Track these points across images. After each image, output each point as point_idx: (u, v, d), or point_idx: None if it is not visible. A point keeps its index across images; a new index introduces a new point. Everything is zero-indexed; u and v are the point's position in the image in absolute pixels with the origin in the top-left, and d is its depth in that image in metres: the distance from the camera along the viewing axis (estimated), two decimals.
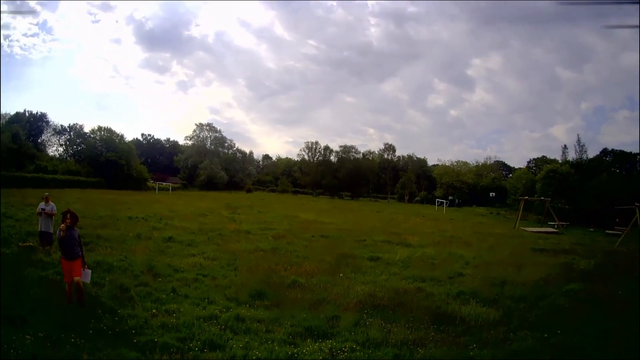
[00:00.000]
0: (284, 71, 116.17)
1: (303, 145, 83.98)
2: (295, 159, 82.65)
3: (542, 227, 27.68)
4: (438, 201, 53.31)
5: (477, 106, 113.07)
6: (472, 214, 42.43)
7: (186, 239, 12.65)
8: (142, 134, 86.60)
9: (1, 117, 52.81)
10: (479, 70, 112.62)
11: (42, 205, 10.06)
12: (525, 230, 25.04)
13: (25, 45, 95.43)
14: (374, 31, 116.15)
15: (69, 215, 6.60)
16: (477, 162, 75.50)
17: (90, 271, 6.62)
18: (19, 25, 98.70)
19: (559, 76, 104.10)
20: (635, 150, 47.53)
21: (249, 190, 66.15)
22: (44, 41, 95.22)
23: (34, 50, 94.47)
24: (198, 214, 20.95)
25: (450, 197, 60.01)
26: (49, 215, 9.88)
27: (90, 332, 5.22)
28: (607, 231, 26.12)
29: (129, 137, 67.05)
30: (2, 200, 17.36)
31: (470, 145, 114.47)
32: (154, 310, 6.17)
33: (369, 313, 6.57)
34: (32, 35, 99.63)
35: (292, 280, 8.21)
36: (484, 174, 71.38)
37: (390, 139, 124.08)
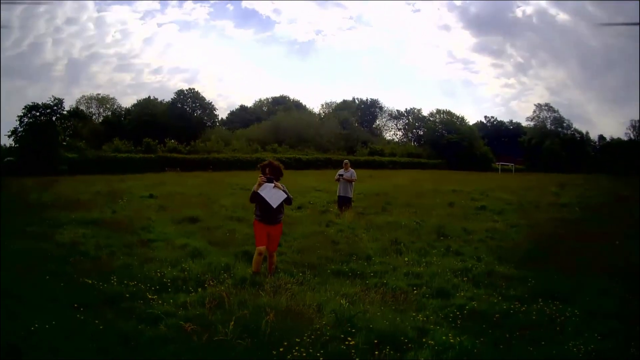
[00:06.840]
0: (605, 48, 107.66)
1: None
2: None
3: None
4: None
5: None
6: None
7: (498, 208, 12.64)
8: (485, 117, 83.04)
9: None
10: None
11: (340, 171, 10.59)
12: None
13: (344, 38, 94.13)
14: None
15: (267, 169, 5.44)
16: None
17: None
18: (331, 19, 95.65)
19: None
20: None
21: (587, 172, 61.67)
22: (362, 32, 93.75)
23: (353, 41, 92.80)
24: (524, 188, 20.81)
25: None
26: (347, 181, 10.46)
27: (328, 272, 5.90)
28: None
29: (472, 121, 66.73)
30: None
31: None
32: (406, 259, 6.57)
33: None
34: (348, 29, 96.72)
35: None
36: None
37: None
